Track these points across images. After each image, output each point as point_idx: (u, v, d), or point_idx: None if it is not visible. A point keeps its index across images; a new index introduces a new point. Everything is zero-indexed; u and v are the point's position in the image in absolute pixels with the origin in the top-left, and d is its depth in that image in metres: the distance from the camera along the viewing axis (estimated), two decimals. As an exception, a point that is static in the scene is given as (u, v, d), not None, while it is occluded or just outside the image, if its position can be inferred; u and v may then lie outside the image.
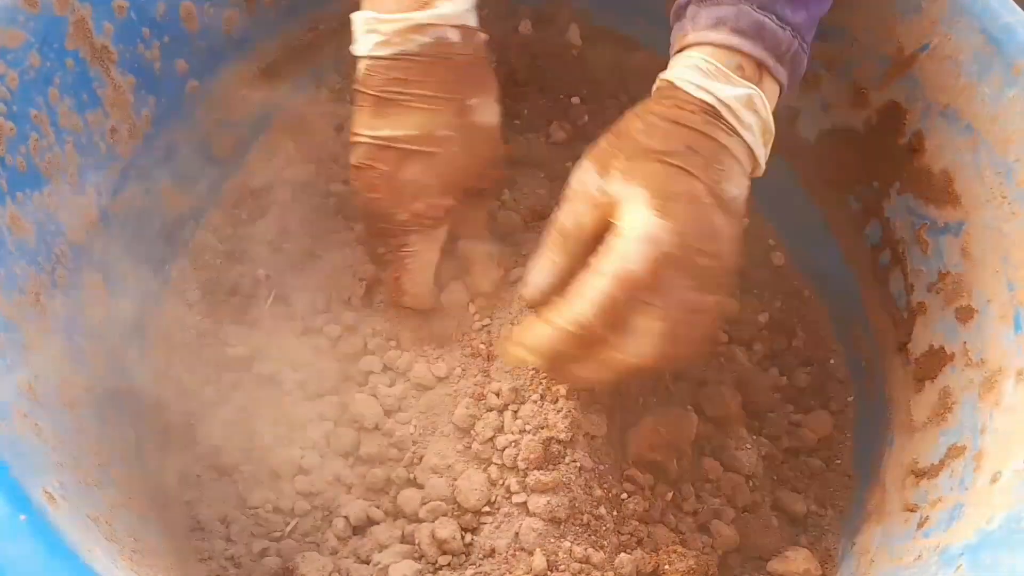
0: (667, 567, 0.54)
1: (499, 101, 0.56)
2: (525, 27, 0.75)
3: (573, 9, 0.75)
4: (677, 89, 0.51)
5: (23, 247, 0.49)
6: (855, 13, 0.61)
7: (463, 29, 0.54)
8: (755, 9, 0.51)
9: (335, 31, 0.69)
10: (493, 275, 0.60)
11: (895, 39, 0.60)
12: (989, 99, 0.55)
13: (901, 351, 0.61)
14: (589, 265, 0.48)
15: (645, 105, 0.52)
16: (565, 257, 0.50)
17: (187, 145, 0.63)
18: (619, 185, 0.49)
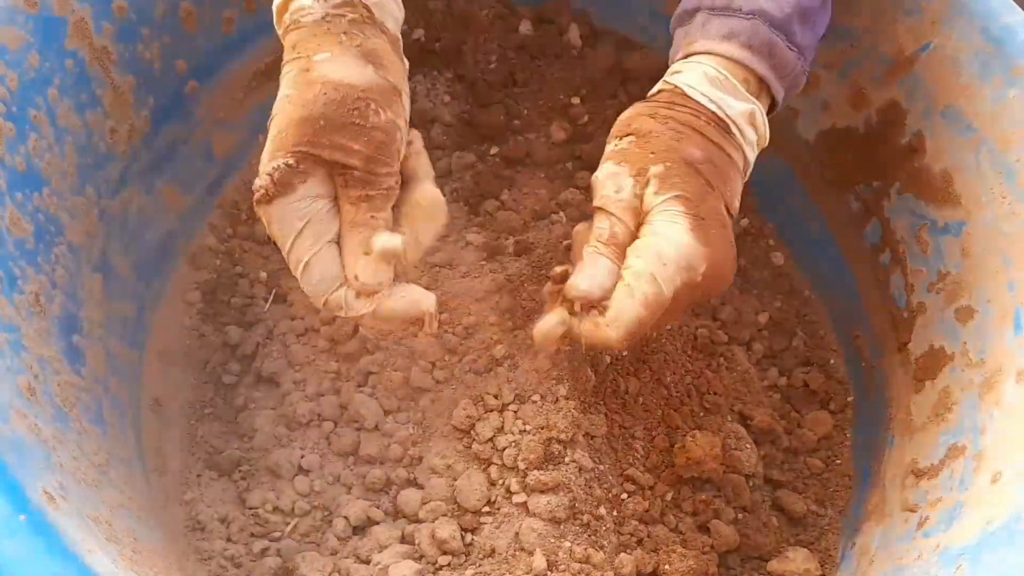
0: (667, 567, 0.54)
1: (365, 57, 0.49)
2: (525, 27, 0.75)
3: (573, 9, 0.75)
4: (688, 97, 0.51)
5: (23, 247, 0.49)
6: (855, 13, 0.61)
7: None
8: (769, 27, 0.51)
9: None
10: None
11: (895, 39, 0.60)
12: (989, 99, 0.55)
13: (901, 351, 0.61)
14: (626, 281, 0.48)
15: (655, 107, 0.52)
16: (616, 260, 0.50)
17: (187, 145, 0.63)
18: (657, 194, 0.49)
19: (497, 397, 0.58)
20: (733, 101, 0.51)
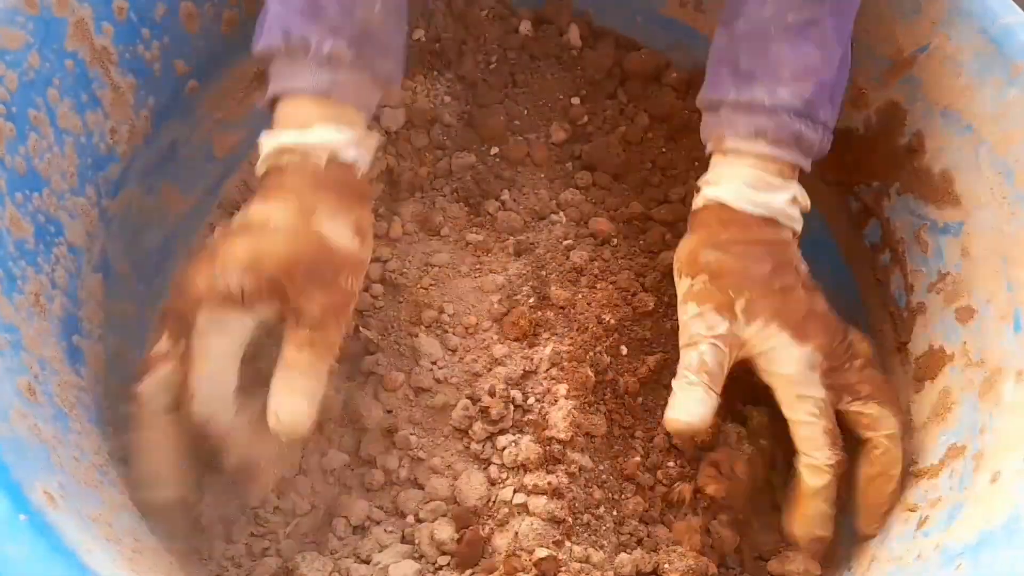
0: (667, 567, 0.54)
1: (357, 231, 0.53)
2: (525, 27, 0.75)
3: (573, 9, 0.75)
4: (735, 211, 0.54)
5: (23, 247, 0.49)
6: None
7: (331, 155, 0.52)
8: (792, 116, 0.53)
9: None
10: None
11: (895, 39, 0.60)
12: (989, 99, 0.55)
13: (901, 351, 0.61)
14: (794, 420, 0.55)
15: (710, 234, 0.55)
16: (714, 393, 0.54)
17: (187, 145, 0.63)
18: (751, 327, 0.54)
19: (493, 396, 0.58)
20: (774, 196, 0.54)
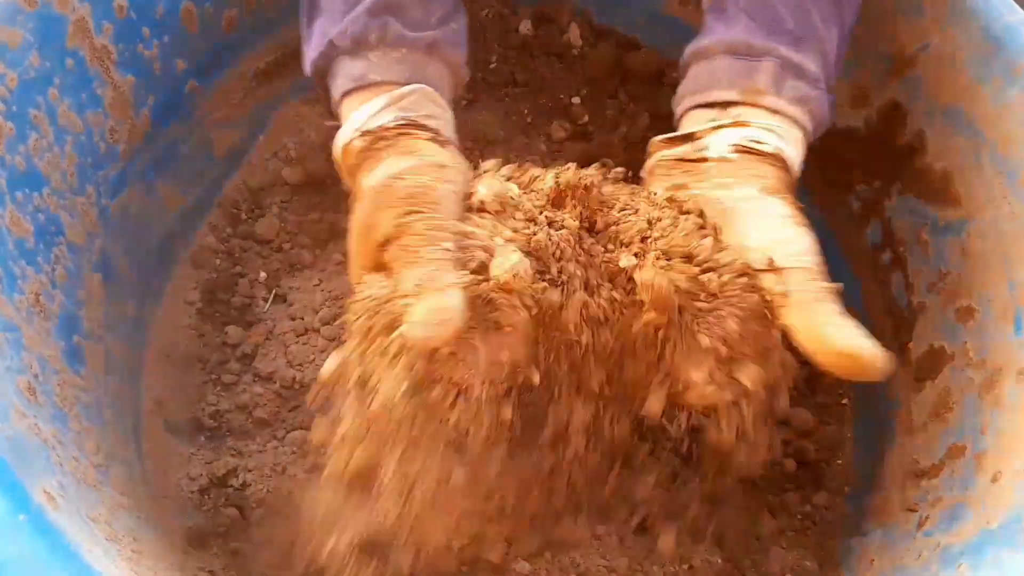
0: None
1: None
2: (525, 26, 0.75)
3: (573, 9, 0.75)
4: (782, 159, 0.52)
5: (23, 247, 0.49)
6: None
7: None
8: (826, 92, 0.53)
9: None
10: None
11: (895, 39, 0.60)
12: (990, 99, 0.55)
13: (902, 351, 0.61)
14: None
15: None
16: None
17: (187, 145, 0.63)
18: None
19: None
20: (795, 150, 0.53)
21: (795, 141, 0.52)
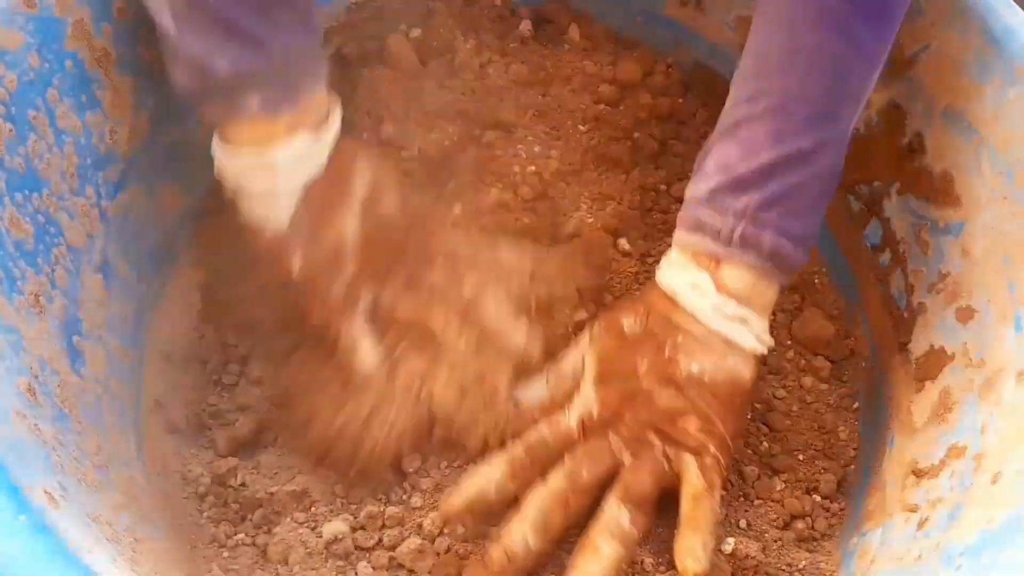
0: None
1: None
2: (525, 27, 0.75)
3: (573, 9, 0.75)
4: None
5: (22, 248, 0.49)
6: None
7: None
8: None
9: (333, 31, 0.69)
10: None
11: (896, 39, 0.60)
12: (990, 100, 0.55)
13: (901, 351, 0.61)
14: None
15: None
16: None
17: (187, 145, 0.63)
18: None
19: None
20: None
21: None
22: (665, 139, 0.72)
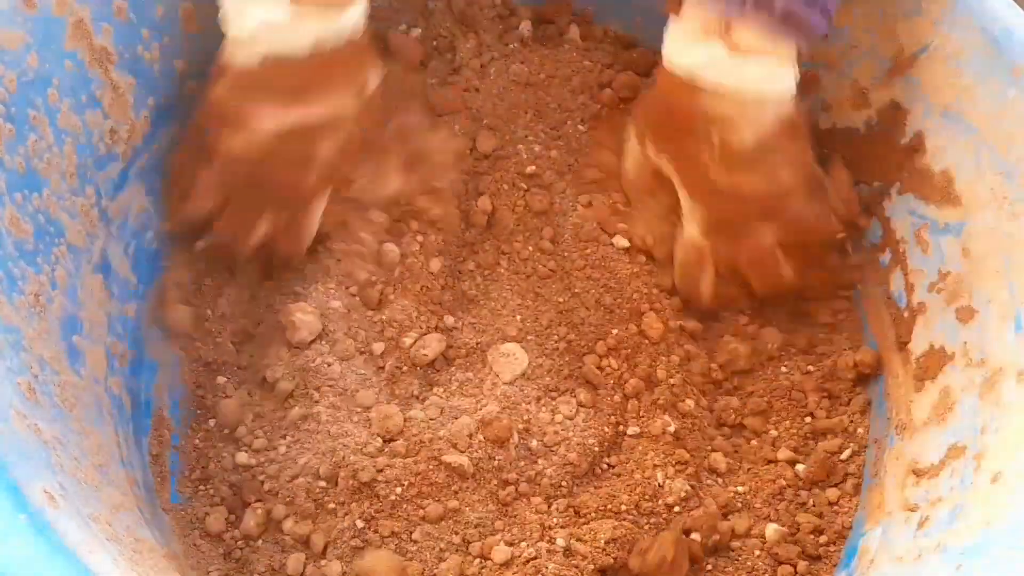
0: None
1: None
2: (525, 27, 0.75)
3: (573, 9, 0.75)
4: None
5: (23, 248, 0.49)
6: (856, 13, 0.61)
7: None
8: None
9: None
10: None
11: (895, 39, 0.60)
12: (990, 100, 0.55)
13: (902, 351, 0.61)
14: None
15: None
16: None
17: (187, 146, 0.63)
18: None
19: None
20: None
21: None
22: None
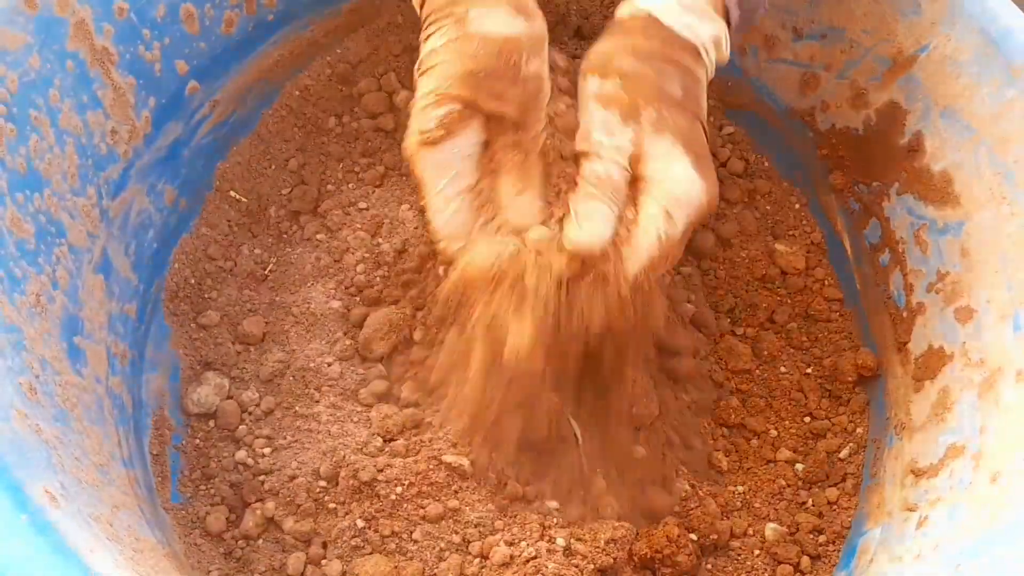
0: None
1: (516, 10, 0.52)
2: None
3: (573, 9, 0.75)
4: (663, 27, 0.52)
5: (24, 248, 0.49)
6: (855, 14, 0.61)
7: None
8: None
9: (331, 32, 0.69)
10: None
11: (895, 40, 0.60)
12: (988, 100, 0.55)
13: (901, 351, 0.61)
14: (639, 223, 0.51)
15: (632, 41, 0.52)
16: (614, 204, 0.51)
17: (187, 146, 0.63)
18: (654, 140, 0.51)
19: None
20: (703, 26, 0.52)
21: None
22: None
